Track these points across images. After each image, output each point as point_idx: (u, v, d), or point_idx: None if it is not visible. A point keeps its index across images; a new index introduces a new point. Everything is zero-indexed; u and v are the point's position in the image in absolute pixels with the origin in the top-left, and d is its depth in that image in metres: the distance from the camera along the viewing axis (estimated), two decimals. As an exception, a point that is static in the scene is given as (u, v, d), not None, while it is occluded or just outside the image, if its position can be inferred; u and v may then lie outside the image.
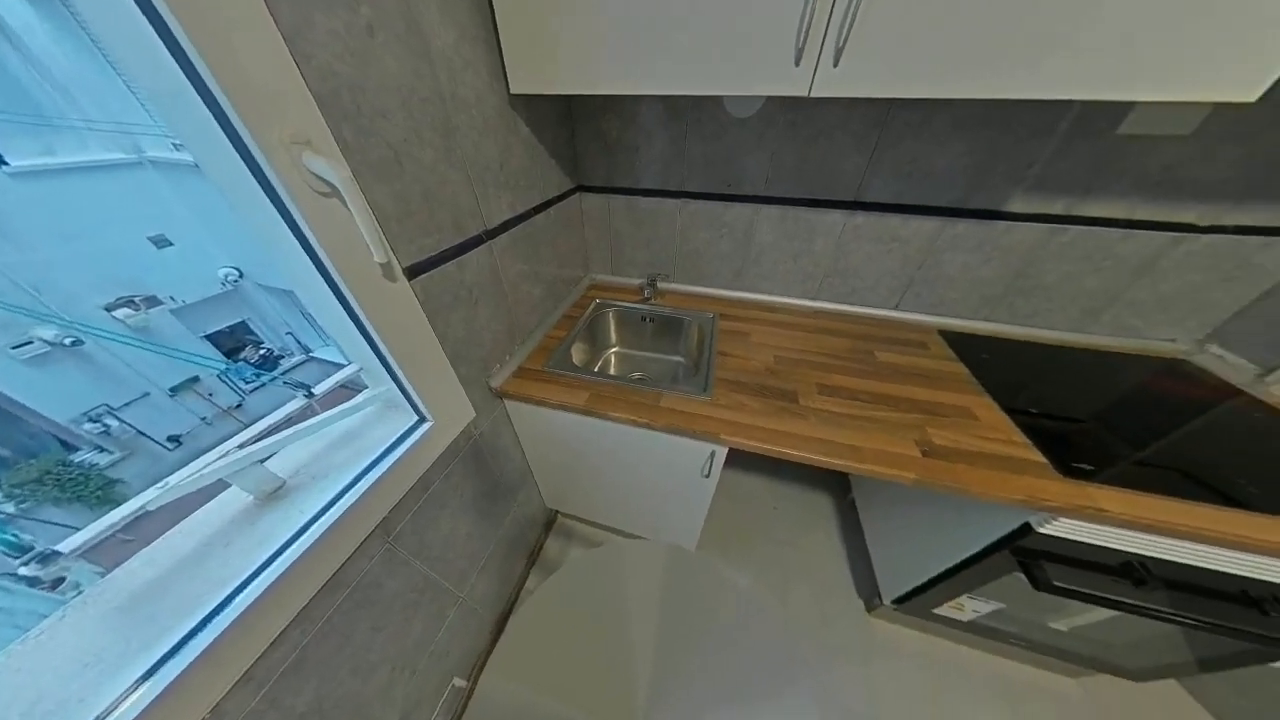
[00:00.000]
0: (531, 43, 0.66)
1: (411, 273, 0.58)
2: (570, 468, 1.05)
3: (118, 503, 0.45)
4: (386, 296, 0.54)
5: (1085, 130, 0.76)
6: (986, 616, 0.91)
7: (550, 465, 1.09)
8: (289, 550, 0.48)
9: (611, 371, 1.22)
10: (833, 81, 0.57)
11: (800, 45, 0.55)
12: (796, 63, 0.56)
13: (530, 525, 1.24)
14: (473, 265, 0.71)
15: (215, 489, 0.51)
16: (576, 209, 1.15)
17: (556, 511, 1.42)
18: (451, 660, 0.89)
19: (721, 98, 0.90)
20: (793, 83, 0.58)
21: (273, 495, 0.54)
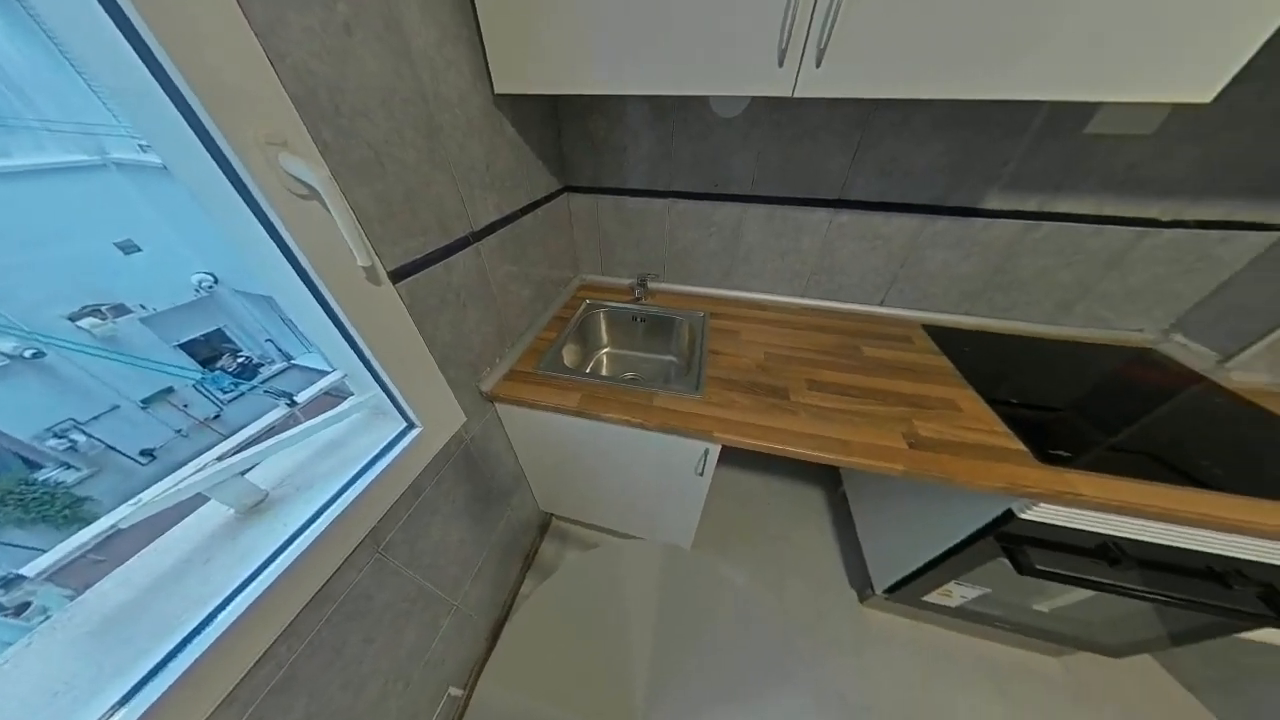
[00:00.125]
0: (515, 42, 0.65)
1: (396, 276, 0.57)
2: (564, 470, 1.05)
3: (87, 521, 0.43)
4: (371, 301, 0.53)
5: (1055, 130, 0.79)
6: (973, 602, 0.94)
7: (544, 468, 1.08)
8: (273, 565, 0.46)
9: (604, 372, 1.22)
10: (815, 82, 0.58)
11: (783, 46, 0.56)
12: (780, 63, 0.57)
13: (524, 529, 1.23)
14: (460, 267, 0.70)
15: (193, 504, 0.49)
16: (565, 209, 1.15)
17: (551, 514, 1.41)
18: (447, 669, 0.88)
19: (707, 98, 0.91)
20: (777, 83, 0.59)
21: (255, 508, 0.52)
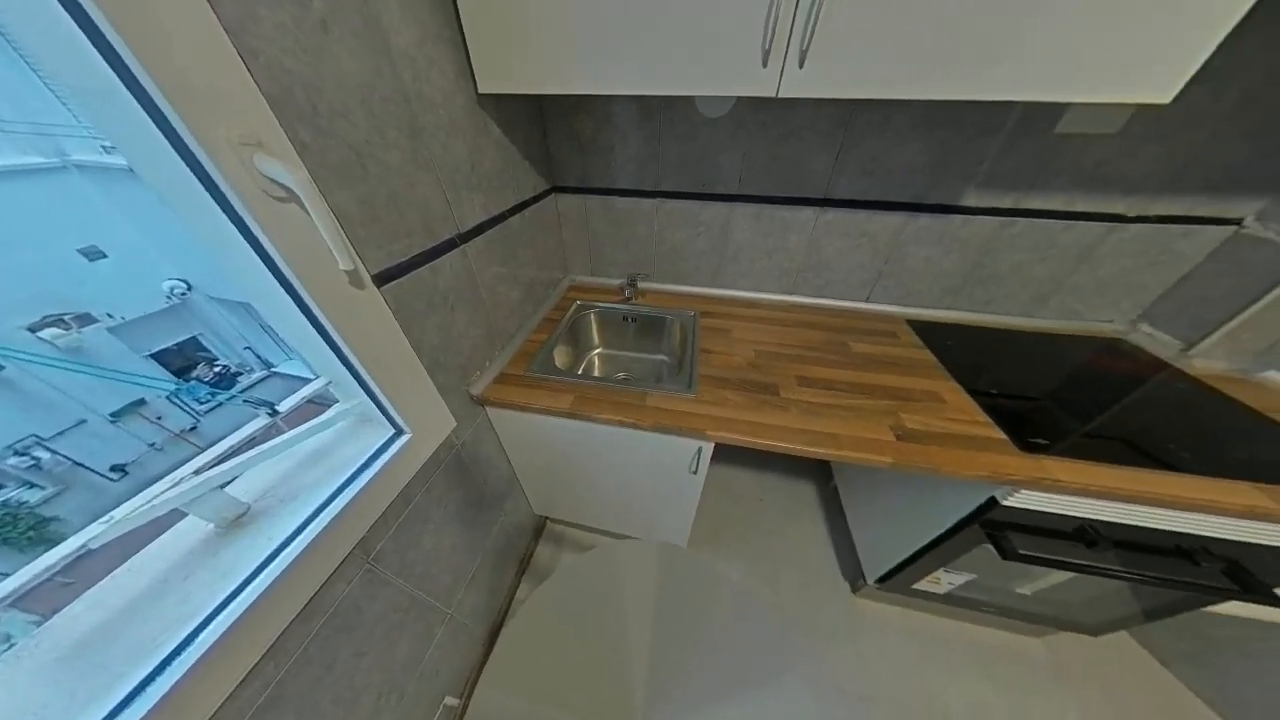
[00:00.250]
0: (498, 42, 0.64)
1: (381, 279, 0.56)
2: (558, 472, 1.04)
3: (54, 542, 0.40)
4: (355, 305, 0.51)
5: (1028, 130, 0.82)
6: (960, 588, 0.97)
7: (537, 471, 1.07)
8: (257, 580, 0.45)
9: (595, 373, 1.22)
10: (799, 83, 0.59)
11: (767, 47, 0.57)
12: (764, 64, 0.58)
13: (519, 533, 1.21)
14: (447, 270, 0.69)
15: (170, 520, 0.47)
16: (553, 210, 1.14)
17: (545, 518, 1.40)
18: (442, 679, 0.86)
19: (693, 98, 0.91)
20: (761, 84, 0.60)
21: (236, 522, 0.50)
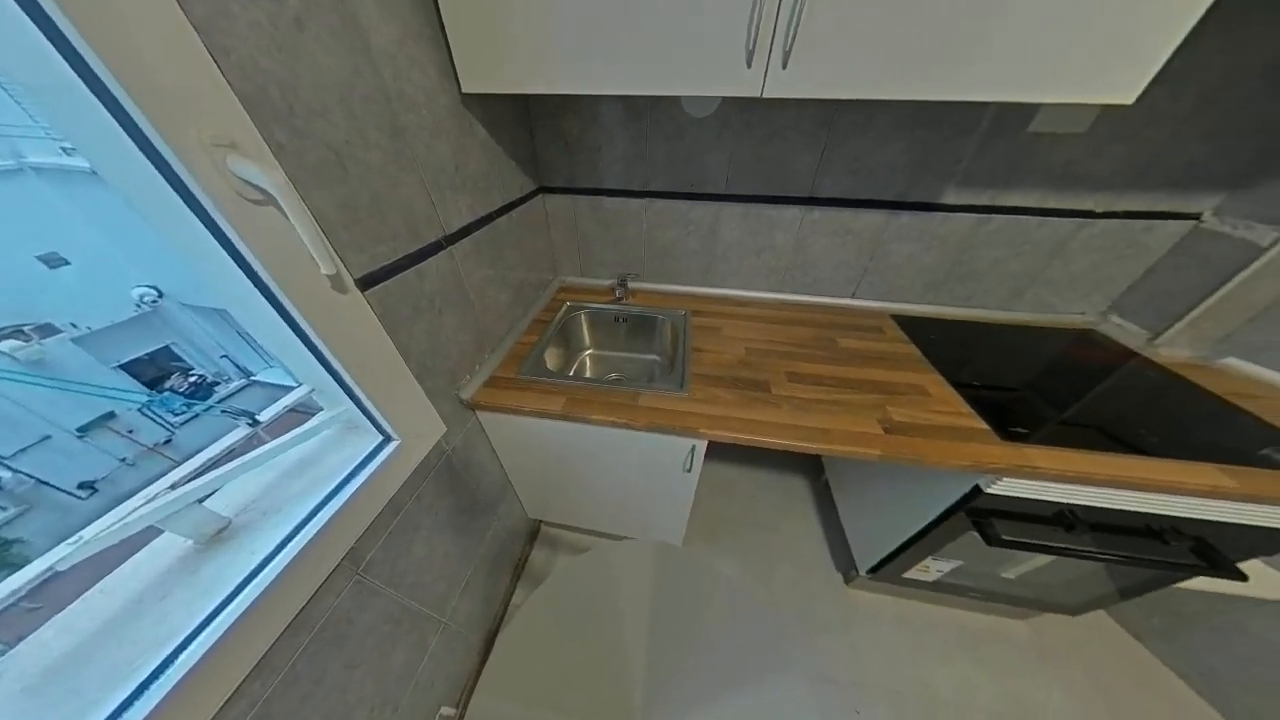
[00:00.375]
0: (481, 41, 0.63)
1: (365, 284, 0.54)
2: (551, 475, 1.03)
3: (18, 566, 0.38)
4: (338, 310, 0.50)
5: (1002, 129, 0.85)
6: (948, 575, 1.00)
7: (530, 474, 1.06)
8: (240, 596, 0.43)
9: (587, 374, 1.21)
10: (783, 83, 0.59)
11: (750, 48, 0.57)
12: (748, 65, 0.59)
13: (513, 538, 1.20)
14: (433, 273, 0.68)
15: (145, 537, 0.45)
16: (540, 210, 1.13)
17: (540, 521, 1.39)
18: (438, 690, 0.85)
19: (679, 98, 0.92)
20: (746, 84, 0.60)
21: (216, 537, 0.49)
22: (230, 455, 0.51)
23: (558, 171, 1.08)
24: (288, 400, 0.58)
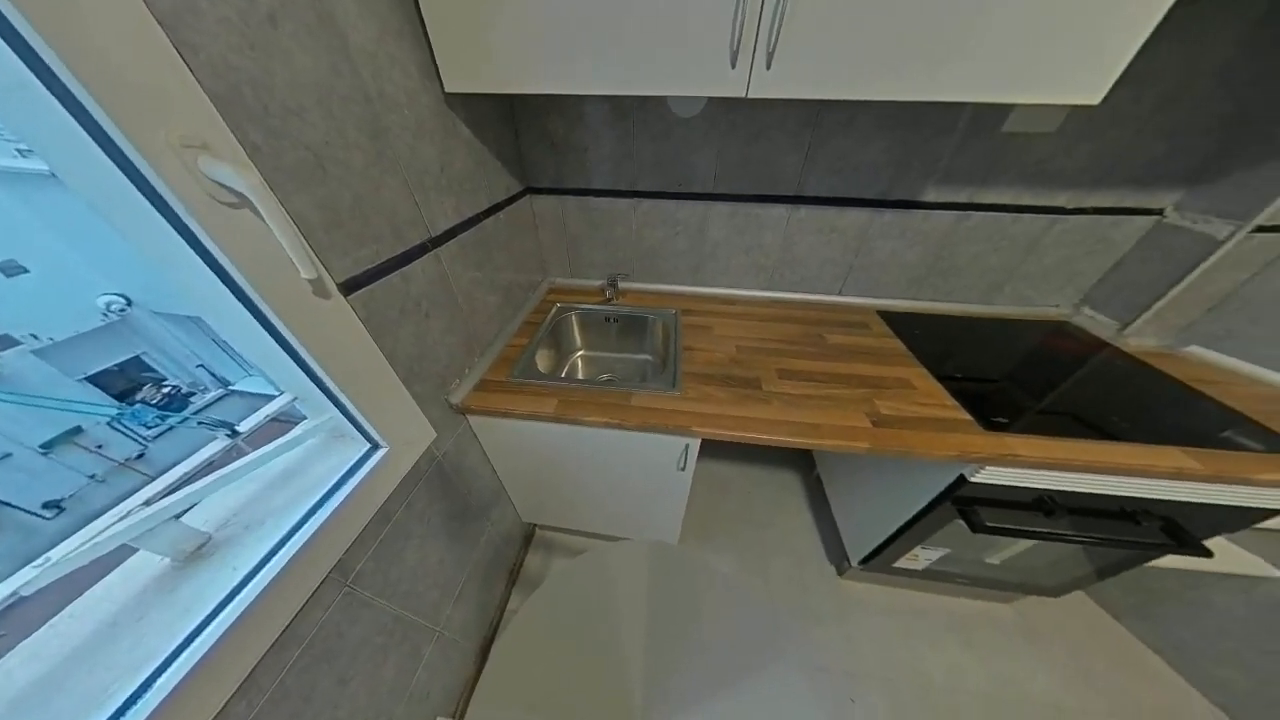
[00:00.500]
0: (463, 40, 0.62)
1: (348, 288, 0.53)
2: (545, 478, 1.02)
3: (-23, 592, 0.36)
4: (320, 316, 0.49)
5: (978, 129, 0.88)
6: (936, 562, 1.03)
7: (523, 478, 1.05)
8: (222, 614, 0.42)
9: (579, 375, 1.21)
10: (767, 83, 0.60)
11: (735, 49, 0.58)
12: (733, 65, 0.59)
13: (507, 543, 1.19)
14: (419, 276, 0.67)
15: (119, 556, 0.43)
16: (528, 211, 1.12)
17: (534, 525, 1.38)
18: (433, 700, 0.83)
19: (665, 98, 0.92)
20: (731, 84, 0.61)
21: (196, 554, 0.47)
22: (209, 468, 0.49)
23: (545, 172, 1.07)
24: (269, 409, 0.57)
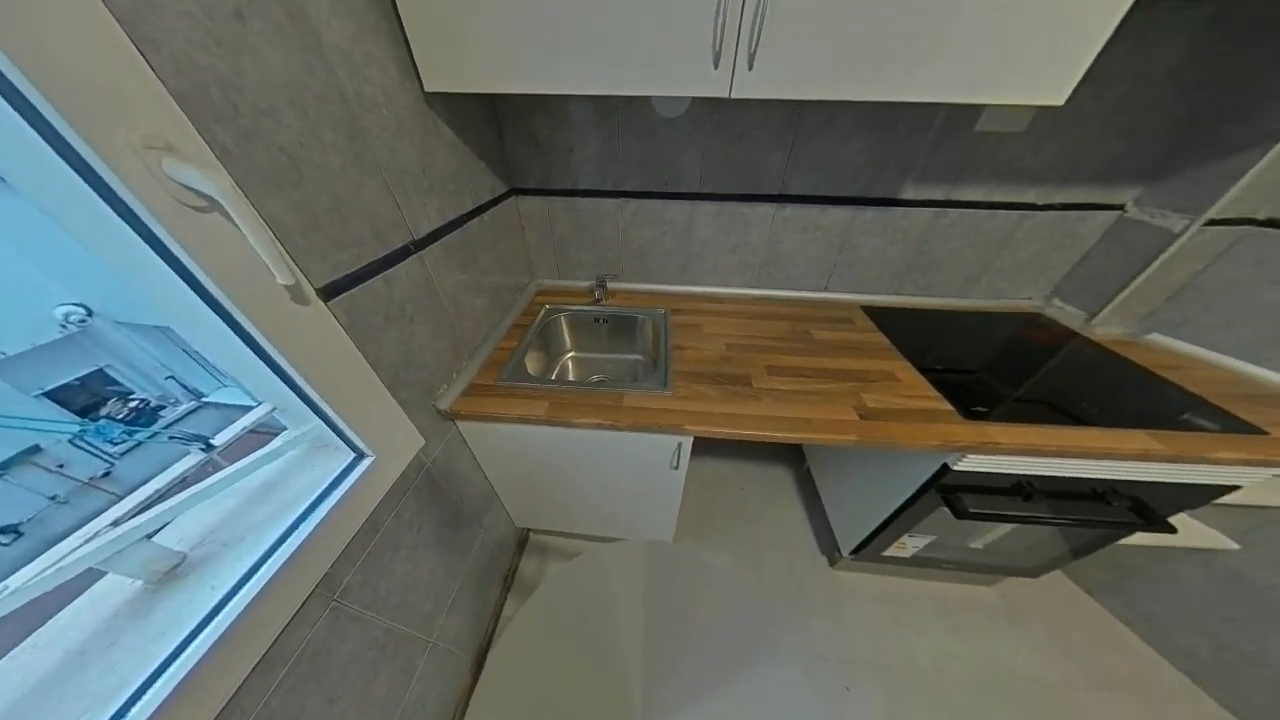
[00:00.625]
0: (442, 38, 0.61)
1: (328, 293, 0.51)
2: (537, 482, 1.01)
3: (-74, 627, 0.34)
4: (299, 323, 0.47)
5: (953, 128, 0.91)
6: (923, 550, 1.06)
7: (516, 482, 1.04)
8: (200, 636, 0.40)
9: (570, 377, 1.20)
10: (749, 84, 0.61)
11: (717, 49, 0.58)
12: (715, 65, 0.60)
13: (501, 549, 1.17)
14: (403, 279, 0.65)
15: (86, 580, 0.41)
16: (514, 212, 1.11)
17: (528, 529, 1.36)
18: (428, 713, 0.82)
19: (650, 98, 0.92)
20: (714, 84, 0.61)
21: (170, 575, 0.45)
22: (182, 484, 0.47)
23: (530, 172, 1.06)
24: (246, 421, 0.54)
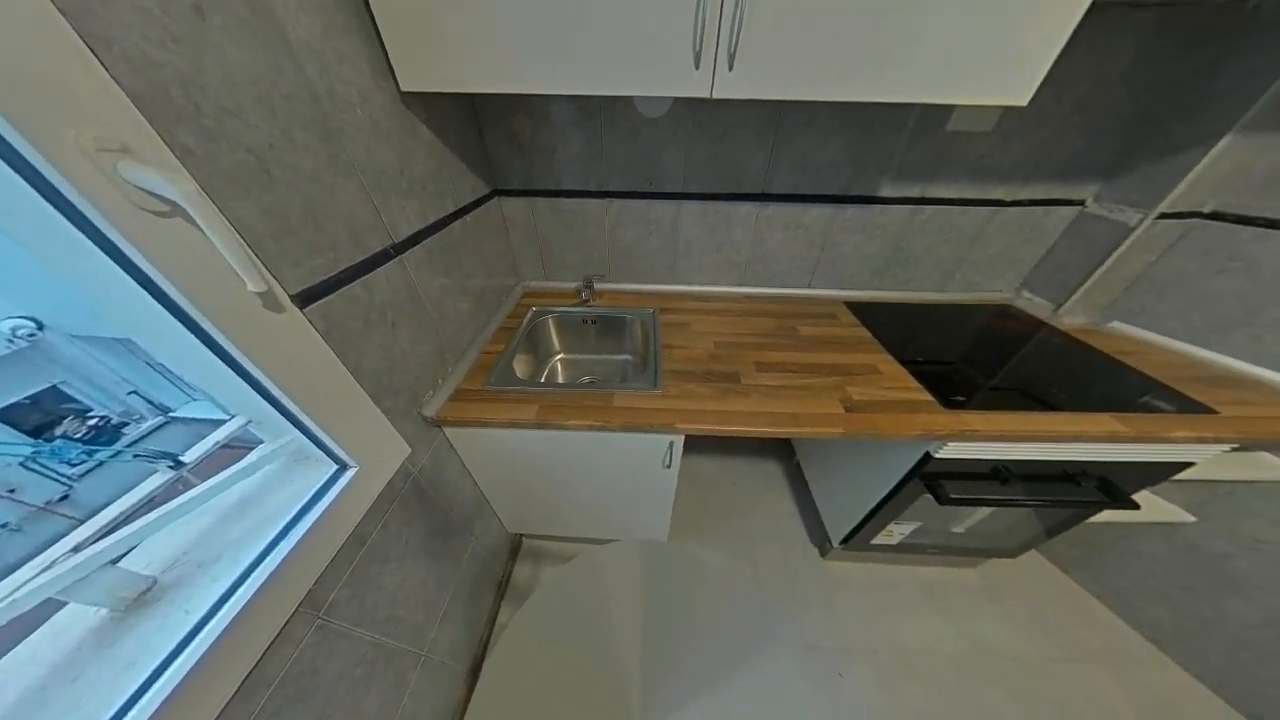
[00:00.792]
0: (417, 36, 0.60)
1: (304, 299, 0.50)
2: (529, 486, 1.00)
3: None
4: (273, 331, 0.45)
5: (926, 128, 0.94)
6: (909, 536, 1.09)
7: (506, 488, 1.02)
8: (175, 664, 0.38)
9: (559, 379, 1.19)
10: (730, 84, 0.62)
11: (698, 50, 0.59)
12: (697, 66, 0.60)
13: (493, 556, 1.15)
14: (383, 284, 0.63)
15: (45, 611, 0.38)
16: (497, 214, 1.09)
17: (520, 535, 1.34)
18: (421, 727, 0.80)
19: (632, 98, 0.92)
20: (696, 85, 0.62)
21: (139, 601, 0.42)
22: (150, 504, 0.45)
23: (512, 173, 1.05)
24: (218, 436, 0.52)
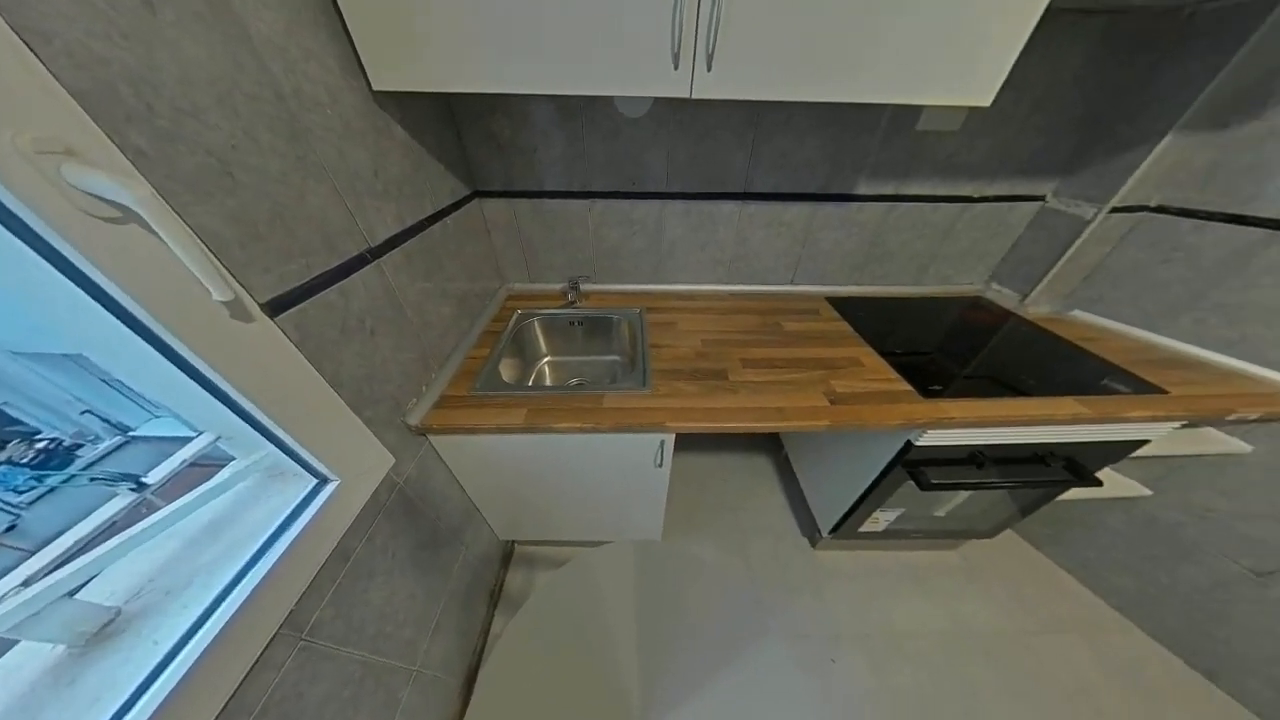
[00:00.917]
0: (388, 33, 0.58)
1: (275, 308, 0.47)
2: (519, 492, 0.99)
3: None
4: (242, 342, 0.43)
5: (898, 128, 0.97)
6: (894, 523, 1.13)
7: (496, 494, 1.01)
8: (144, 698, 0.36)
9: (547, 382, 1.17)
10: (709, 84, 0.62)
11: (676, 50, 0.59)
12: (675, 66, 0.60)
13: (485, 564, 1.13)
14: (360, 290, 0.61)
15: (-11, 654, 0.35)
16: (478, 216, 1.07)
17: (512, 542, 1.32)
18: (415, 745, 0.77)
19: (612, 98, 0.92)
20: (675, 85, 0.62)
21: (101, 634, 0.40)
22: (110, 530, 0.42)
23: (493, 174, 1.03)
24: (185, 454, 0.49)
